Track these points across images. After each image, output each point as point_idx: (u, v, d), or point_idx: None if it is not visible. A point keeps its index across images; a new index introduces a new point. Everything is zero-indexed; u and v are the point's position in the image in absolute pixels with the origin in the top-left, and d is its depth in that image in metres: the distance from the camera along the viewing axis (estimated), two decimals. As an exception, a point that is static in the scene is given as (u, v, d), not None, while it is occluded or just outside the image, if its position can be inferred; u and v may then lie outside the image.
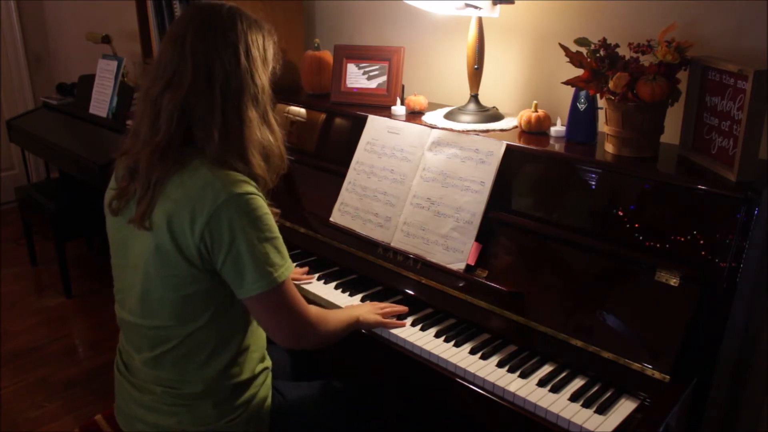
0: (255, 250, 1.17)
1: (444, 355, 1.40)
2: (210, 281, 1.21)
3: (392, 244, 1.69)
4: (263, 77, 1.26)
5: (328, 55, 2.18)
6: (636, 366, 1.25)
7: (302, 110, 2.16)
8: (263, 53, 1.27)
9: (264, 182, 1.26)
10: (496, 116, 1.85)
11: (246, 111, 1.22)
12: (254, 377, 1.33)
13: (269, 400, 1.37)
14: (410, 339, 1.46)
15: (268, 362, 1.39)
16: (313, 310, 1.31)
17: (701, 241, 1.29)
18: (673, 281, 1.29)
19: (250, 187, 1.20)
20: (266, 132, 1.27)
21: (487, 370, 1.35)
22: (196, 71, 1.19)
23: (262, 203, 1.21)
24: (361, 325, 1.46)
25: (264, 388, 1.36)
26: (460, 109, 1.87)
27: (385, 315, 1.51)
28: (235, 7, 1.26)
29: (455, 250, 1.58)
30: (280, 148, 1.31)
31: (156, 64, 1.25)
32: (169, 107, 1.18)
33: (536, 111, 1.71)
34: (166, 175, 1.19)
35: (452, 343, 1.45)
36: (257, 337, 1.35)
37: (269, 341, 1.39)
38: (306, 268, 1.77)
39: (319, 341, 1.34)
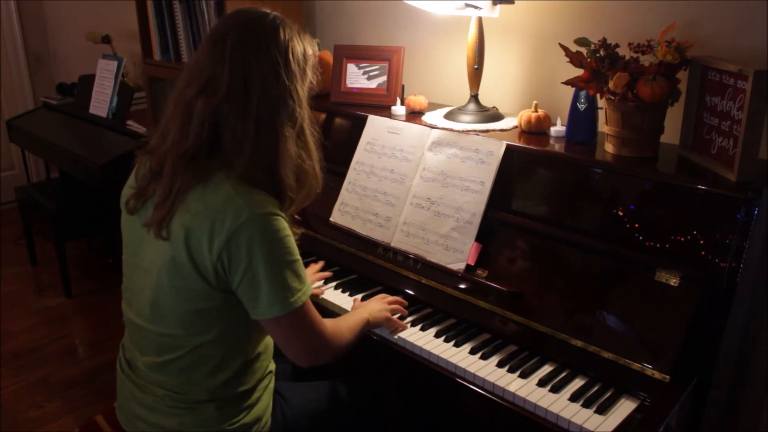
0: (273, 274, 1.15)
1: (444, 355, 1.40)
2: (222, 300, 1.19)
3: (392, 244, 1.69)
4: (301, 93, 1.22)
5: (328, 55, 2.18)
6: (636, 366, 1.25)
7: (302, 110, 2.15)
8: (303, 67, 1.23)
9: (290, 202, 1.23)
10: (496, 116, 1.85)
11: (281, 127, 1.19)
12: (259, 382, 1.32)
13: (271, 402, 1.37)
14: (410, 339, 1.46)
15: (273, 365, 1.39)
16: (328, 325, 1.29)
17: (701, 241, 1.29)
18: (673, 281, 1.29)
19: (273, 208, 1.16)
20: (301, 151, 1.24)
21: (487, 370, 1.35)
22: (233, 78, 1.15)
23: (284, 225, 1.17)
24: (371, 326, 1.46)
25: (267, 392, 1.36)
26: (460, 109, 1.87)
27: (393, 311, 1.52)
28: (279, 17, 1.23)
29: (455, 250, 1.58)
30: (314, 168, 1.27)
31: (192, 64, 1.22)
32: (201, 113, 1.15)
33: (536, 111, 1.71)
34: (189, 184, 1.16)
35: (452, 343, 1.45)
36: (268, 346, 1.34)
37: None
38: (328, 273, 1.73)
39: (335, 354, 1.31)
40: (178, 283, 1.18)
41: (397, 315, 1.55)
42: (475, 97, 1.88)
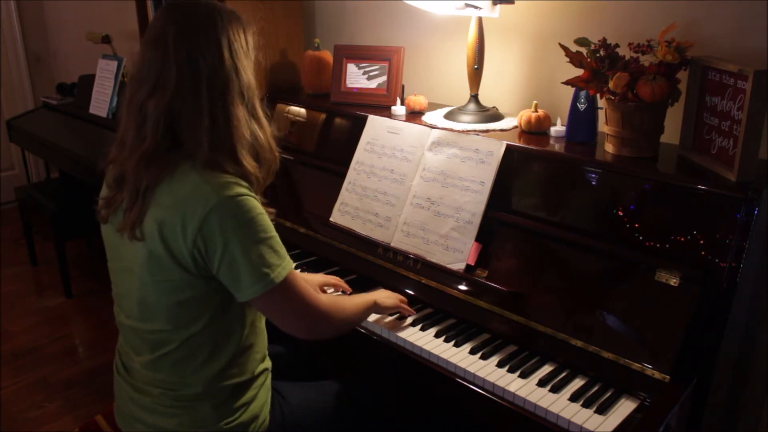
0: (249, 253, 1.16)
1: (444, 355, 1.40)
2: (205, 287, 1.20)
3: (392, 244, 1.69)
4: (248, 71, 1.23)
5: (328, 55, 2.18)
6: (636, 366, 1.26)
7: (302, 110, 2.15)
8: (246, 46, 1.24)
9: (257, 181, 1.24)
10: (496, 116, 1.85)
11: (233, 109, 1.19)
12: (254, 378, 1.32)
13: (269, 401, 1.37)
14: (410, 339, 1.46)
15: (268, 363, 1.39)
16: (324, 299, 1.31)
17: (701, 241, 1.29)
18: (673, 281, 1.29)
19: (242, 189, 1.17)
20: (255, 127, 1.25)
21: (487, 370, 1.35)
22: (181, 73, 1.16)
23: (254, 204, 1.18)
24: (379, 308, 1.49)
25: (264, 390, 1.35)
26: (460, 109, 1.87)
27: (401, 302, 1.54)
28: (211, 3, 1.23)
29: (455, 250, 1.58)
30: (269, 142, 1.28)
31: (138, 69, 1.22)
32: (155, 113, 1.16)
33: (536, 111, 1.71)
34: (155, 181, 1.17)
35: (452, 343, 1.45)
36: (259, 337, 1.35)
37: (269, 341, 1.39)
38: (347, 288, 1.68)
39: (335, 329, 1.34)
40: (159, 277, 1.19)
41: (397, 315, 1.55)
42: (475, 97, 1.88)
